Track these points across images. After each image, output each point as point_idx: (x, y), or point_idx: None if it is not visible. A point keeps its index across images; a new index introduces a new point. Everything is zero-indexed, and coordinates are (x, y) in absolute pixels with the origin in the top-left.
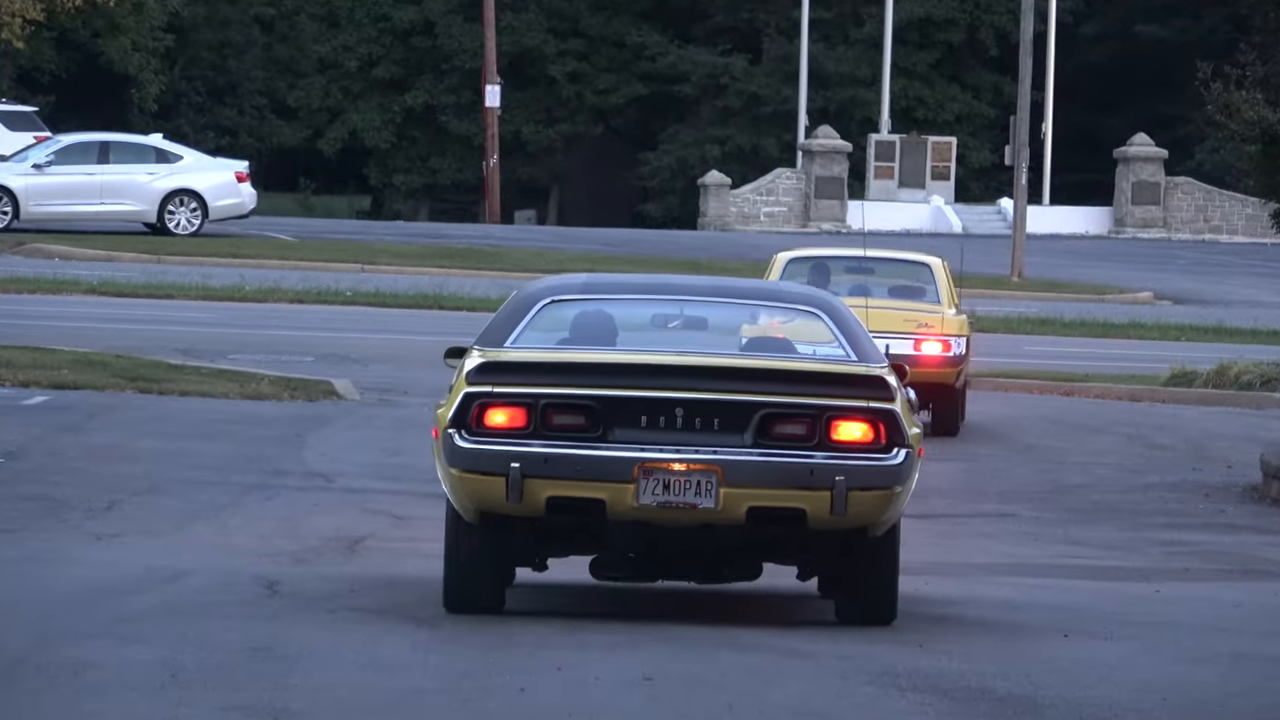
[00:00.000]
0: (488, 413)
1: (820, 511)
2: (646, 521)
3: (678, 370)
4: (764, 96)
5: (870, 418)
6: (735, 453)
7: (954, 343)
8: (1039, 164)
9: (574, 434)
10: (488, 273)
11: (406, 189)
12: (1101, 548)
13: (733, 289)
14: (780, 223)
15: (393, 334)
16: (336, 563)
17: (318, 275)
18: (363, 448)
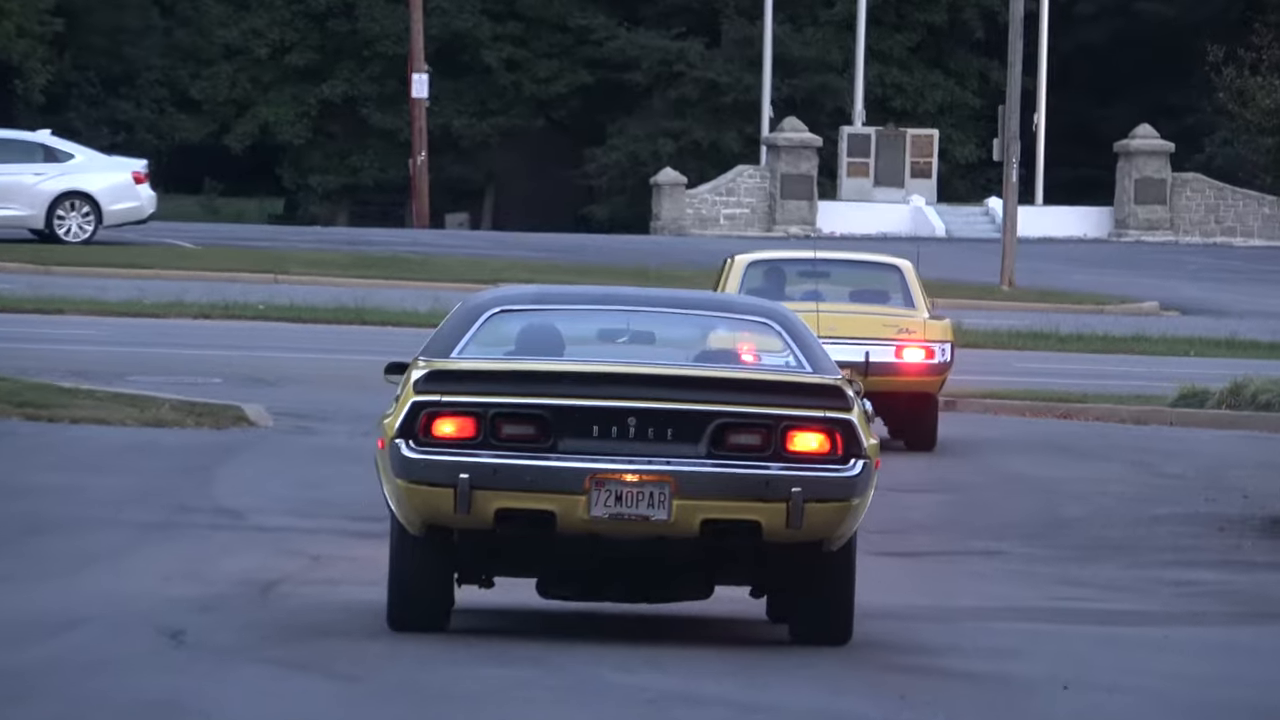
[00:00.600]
0: (436, 422)
1: (776, 524)
2: (598, 534)
3: (630, 379)
4: (723, 85)
5: (826, 428)
6: (689, 464)
7: (938, 349)
8: (1031, 159)
9: (524, 444)
10: (415, 283)
11: (324, 190)
12: (1104, 589)
13: (685, 300)
14: (742, 226)
15: (310, 352)
16: (248, 609)
17: (225, 287)
18: (277, 480)
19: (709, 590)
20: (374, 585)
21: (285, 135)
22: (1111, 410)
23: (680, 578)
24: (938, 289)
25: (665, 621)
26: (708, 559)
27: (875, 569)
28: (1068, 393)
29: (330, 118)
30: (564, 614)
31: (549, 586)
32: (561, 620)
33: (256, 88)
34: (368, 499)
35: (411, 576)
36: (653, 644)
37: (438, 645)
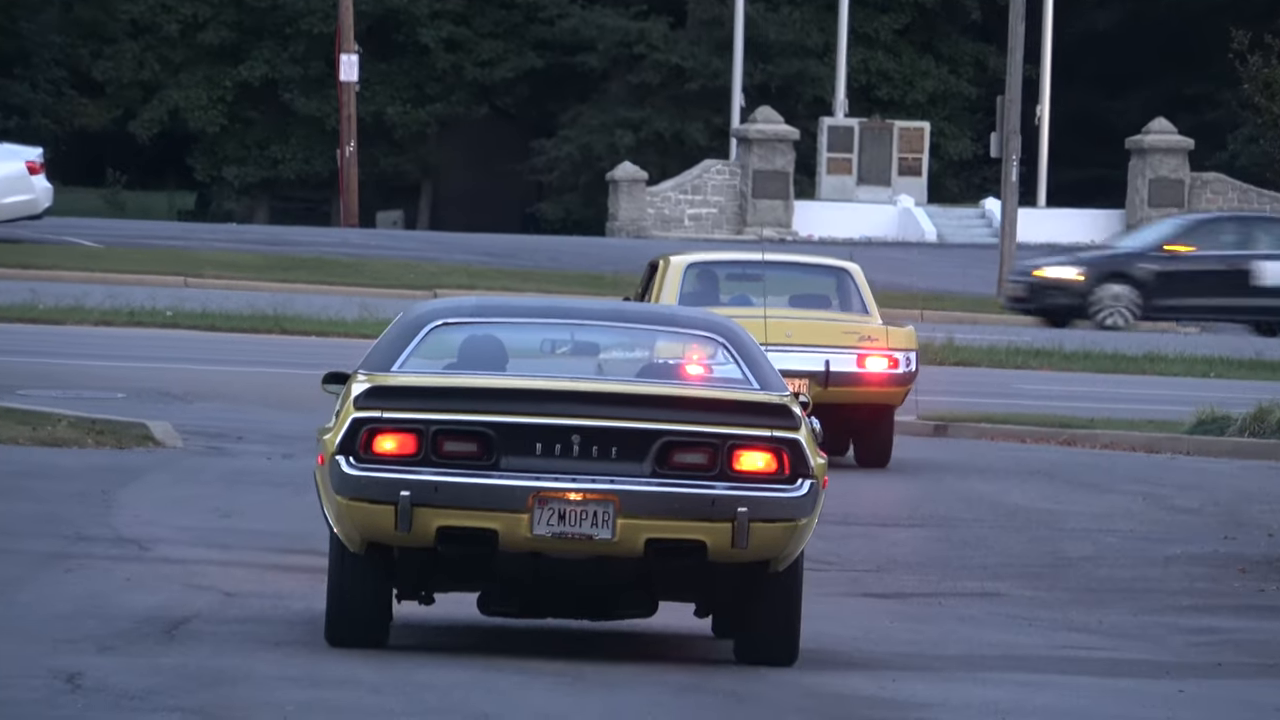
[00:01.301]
0: (376, 439)
1: (721, 544)
2: (540, 553)
3: (575, 396)
4: (689, 70)
5: (773, 447)
6: (633, 482)
7: (902, 358)
8: (1033, 156)
9: (466, 461)
10: (342, 288)
11: (241, 184)
12: (1111, 636)
13: (631, 313)
14: (709, 228)
15: (224, 364)
16: (153, 650)
17: (130, 291)
18: (186, 508)
19: (653, 608)
20: (294, 624)
21: (198, 122)
22: (1121, 437)
23: (624, 596)
24: (927, 300)
25: (615, 641)
26: (652, 578)
27: (857, 611)
28: (1072, 417)
29: (248, 103)
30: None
31: (490, 603)
32: (499, 640)
33: (166, 69)
34: (287, 529)
35: (350, 593)
36: (584, 655)
37: (366, 693)
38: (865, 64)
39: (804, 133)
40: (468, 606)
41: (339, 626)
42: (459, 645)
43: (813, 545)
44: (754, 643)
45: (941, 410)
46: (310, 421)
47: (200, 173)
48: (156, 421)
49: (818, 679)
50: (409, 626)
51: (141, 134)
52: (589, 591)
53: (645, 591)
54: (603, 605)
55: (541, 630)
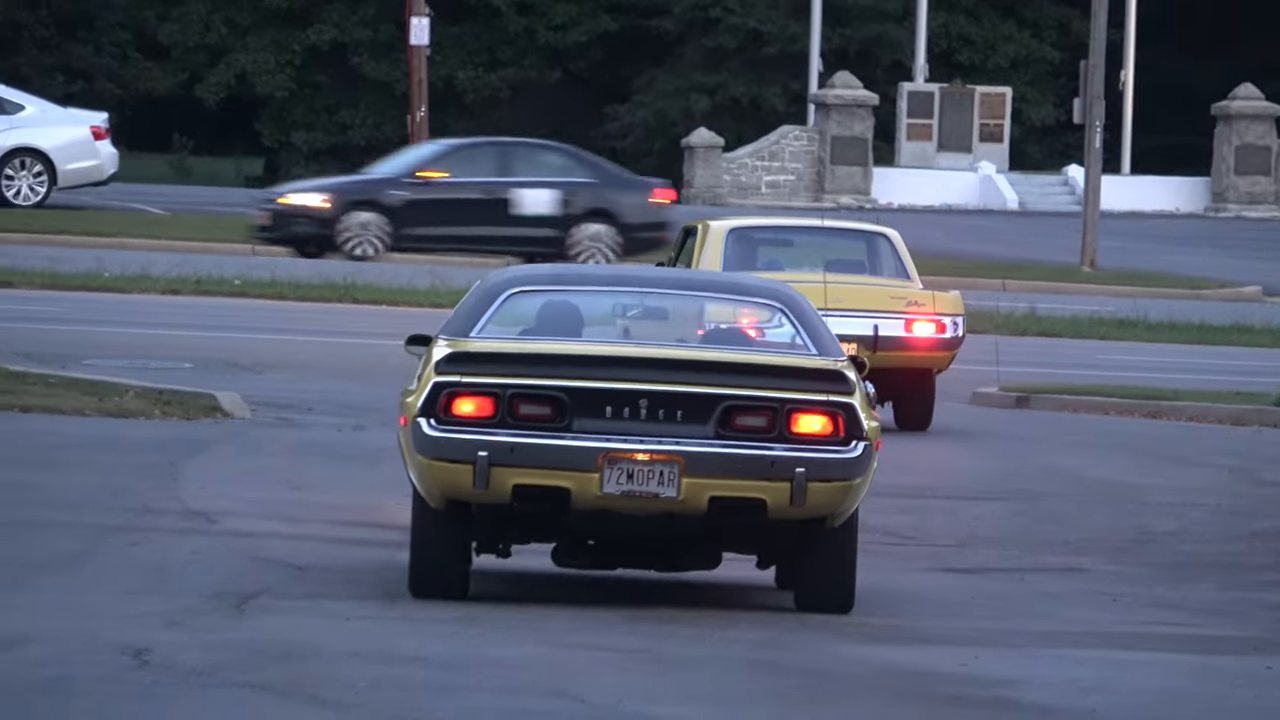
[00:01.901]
0: (456, 402)
1: (780, 502)
2: (610, 510)
3: (642, 362)
4: (766, 34)
5: (829, 411)
6: (697, 444)
7: (948, 323)
8: (1117, 123)
9: (540, 424)
10: (414, 257)
11: (309, 149)
12: (1197, 612)
13: (698, 281)
14: (786, 195)
15: (293, 334)
16: (222, 626)
17: (197, 259)
18: (254, 480)
19: (717, 561)
20: (365, 599)
21: (265, 86)
22: (1207, 409)
23: (689, 550)
24: (1009, 269)
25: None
26: (715, 533)
27: (937, 587)
28: (1157, 389)
29: (317, 67)
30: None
31: (564, 556)
32: (572, 619)
33: (233, 32)
34: (357, 501)
35: (432, 547)
36: (681, 675)
37: (437, 670)
38: (946, 28)
39: (883, 98)
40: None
41: (421, 579)
42: (533, 622)
43: (893, 519)
44: (812, 593)
45: (1023, 382)
46: (381, 392)
47: (268, 138)
48: (224, 392)
49: (897, 656)
50: (487, 575)
51: (208, 99)
52: (656, 545)
53: (709, 546)
54: (669, 558)
55: (618, 603)
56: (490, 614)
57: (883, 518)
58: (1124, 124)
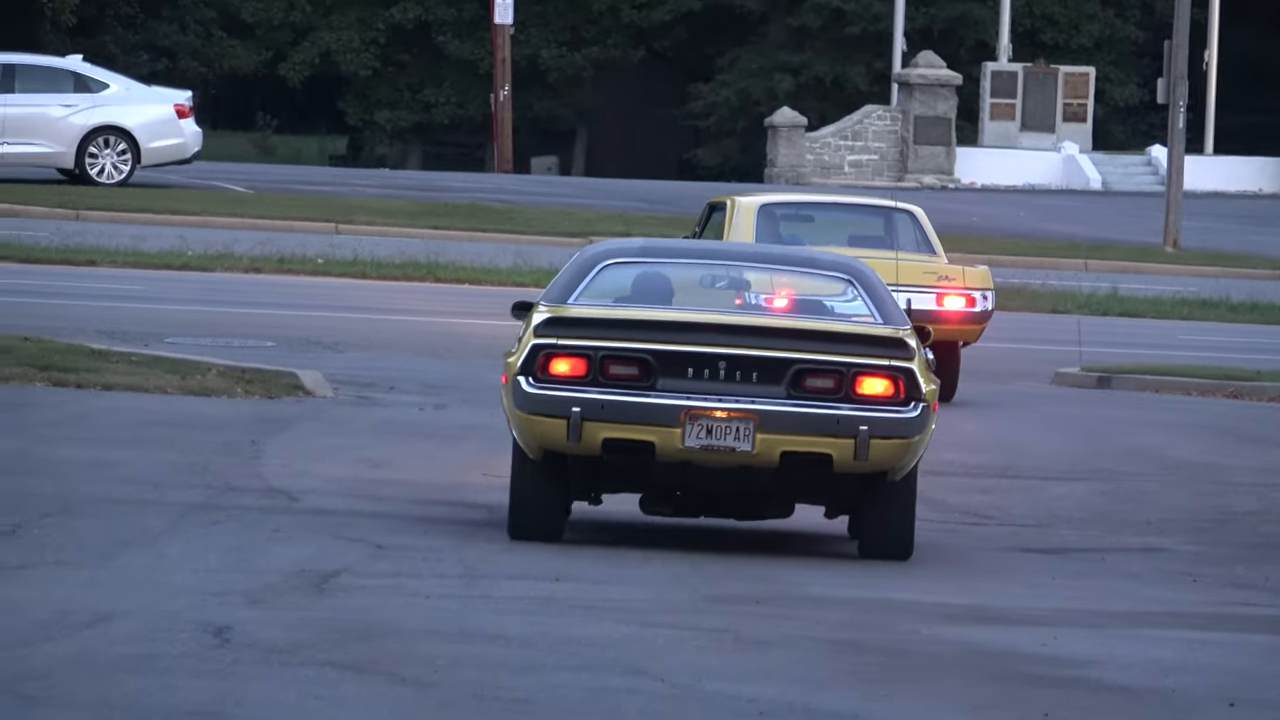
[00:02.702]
0: (552, 362)
1: (845, 457)
2: (691, 462)
3: (721, 328)
4: (850, 13)
5: (891, 375)
6: (771, 403)
7: (979, 297)
8: (1200, 102)
9: (628, 383)
10: (496, 235)
11: (393, 128)
12: (1277, 592)
13: (775, 255)
14: (869, 174)
15: (375, 313)
16: (303, 604)
17: (280, 237)
18: (336, 458)
19: (790, 510)
20: (446, 578)
21: (349, 65)
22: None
23: (764, 500)
24: (1091, 249)
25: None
26: (786, 485)
27: (1018, 567)
28: (1240, 369)
29: (401, 45)
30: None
31: (649, 504)
32: (655, 599)
33: (317, 10)
34: (439, 480)
35: (529, 494)
36: (763, 652)
37: (516, 649)
38: (1029, 7)
39: (966, 78)
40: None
41: (520, 523)
42: (613, 602)
43: (973, 499)
44: (874, 541)
45: (1105, 362)
46: (462, 371)
47: (352, 117)
48: (306, 370)
49: (978, 636)
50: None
51: (292, 77)
52: (733, 496)
53: (783, 496)
54: (746, 508)
55: (699, 583)
56: (571, 594)
57: (963, 497)
58: (1207, 103)
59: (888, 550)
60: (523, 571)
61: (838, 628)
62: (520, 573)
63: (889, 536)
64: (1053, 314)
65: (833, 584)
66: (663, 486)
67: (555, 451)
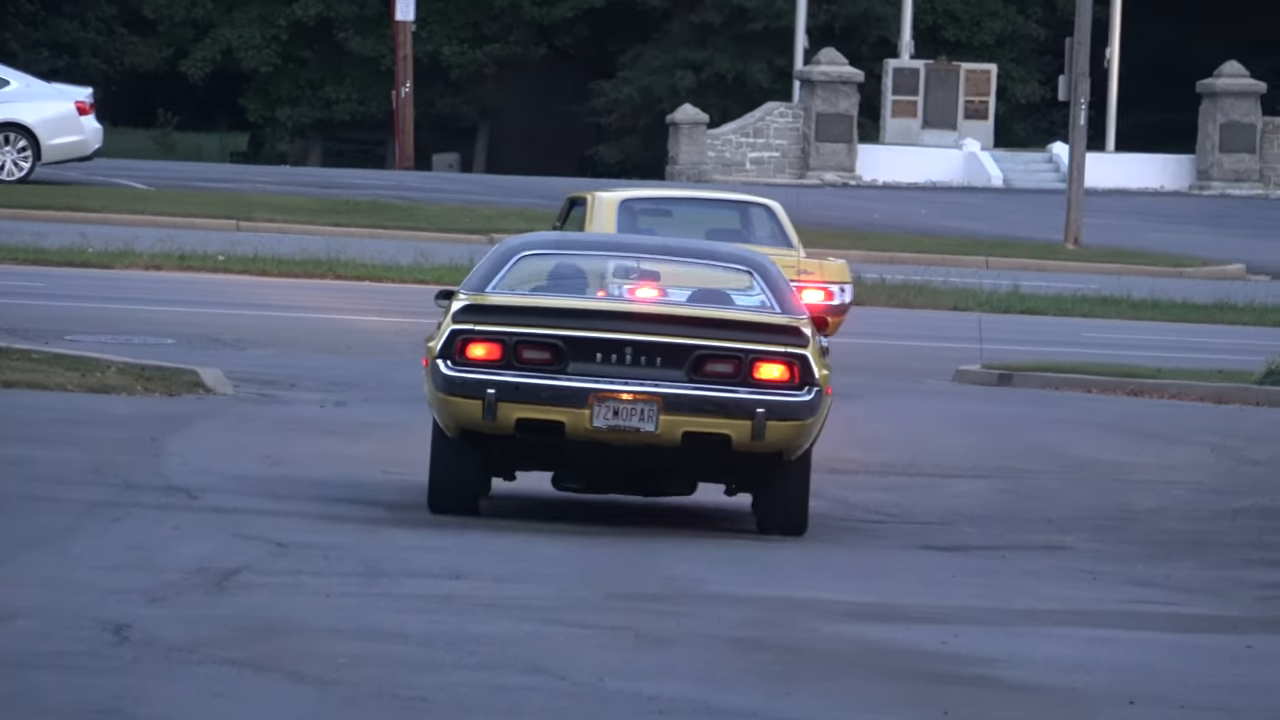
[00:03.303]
0: (469, 346)
1: (743, 437)
2: (598, 441)
3: (628, 316)
4: (752, 10)
5: (787, 361)
6: (673, 386)
7: (836, 290)
8: (1102, 100)
9: (540, 366)
10: (397, 232)
11: (294, 125)
12: (1179, 590)
13: (681, 248)
14: (771, 171)
15: (276, 310)
16: (203, 602)
17: (181, 234)
18: (237, 456)
19: (693, 488)
20: (347, 576)
21: (251, 62)
22: (1189, 387)
23: (668, 477)
24: (993, 246)
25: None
26: (689, 463)
27: (919, 564)
28: (1140, 367)
29: (302, 42)
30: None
31: (561, 481)
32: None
33: (219, 6)
34: (340, 478)
35: (448, 470)
36: (662, 653)
37: (417, 647)
38: (931, 4)
39: (868, 75)
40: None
41: (439, 497)
42: (514, 599)
43: (874, 497)
44: (771, 517)
45: (1006, 360)
46: (364, 368)
47: (253, 114)
48: (207, 368)
49: (879, 634)
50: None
51: (193, 74)
52: (640, 473)
53: (685, 474)
54: (652, 485)
55: (600, 580)
56: (472, 591)
57: (865, 495)
58: (1109, 101)
59: (784, 526)
60: (424, 569)
61: (739, 626)
62: (421, 570)
63: (785, 513)
64: (954, 311)
65: (734, 581)
66: (573, 464)
67: (472, 430)
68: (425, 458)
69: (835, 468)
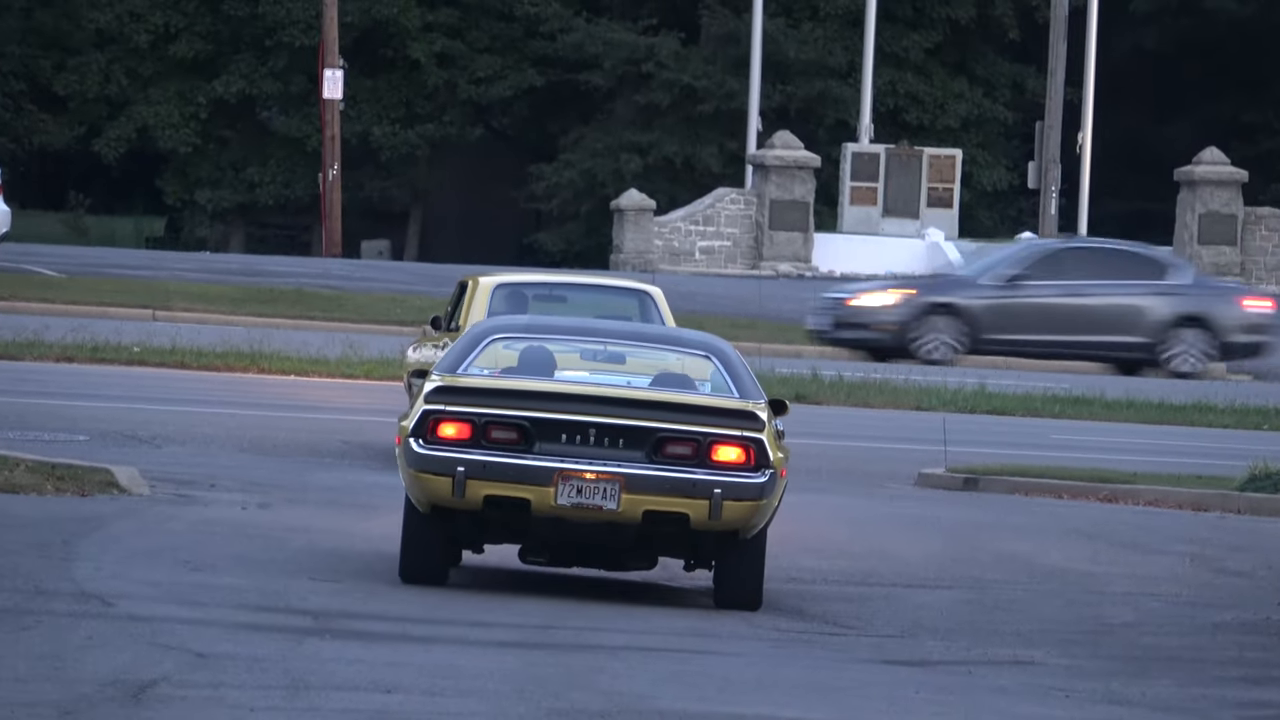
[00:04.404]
0: (440, 426)
1: (701, 516)
2: (563, 518)
3: (591, 399)
4: (702, 90)
5: (743, 444)
6: (635, 466)
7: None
8: (1074, 187)
9: (508, 446)
10: (324, 324)
11: (215, 209)
12: (1156, 709)
13: (643, 334)
14: (722, 261)
15: (195, 405)
16: (118, 716)
17: (94, 324)
18: (153, 560)
19: (654, 563)
20: (270, 689)
21: (168, 141)
22: (1167, 493)
23: (630, 553)
24: None
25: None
26: (649, 540)
27: (879, 680)
28: (1114, 471)
29: (223, 121)
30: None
31: (527, 554)
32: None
33: (134, 83)
34: (263, 585)
35: (418, 542)
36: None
37: None
38: (893, 85)
39: (826, 159)
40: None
41: (410, 568)
42: (450, 717)
43: (833, 608)
44: (728, 592)
45: (972, 462)
46: (289, 468)
47: (170, 196)
48: (122, 466)
49: None
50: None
51: (107, 153)
52: (602, 548)
53: (646, 550)
54: (614, 559)
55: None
56: (403, 706)
57: (822, 605)
58: (1081, 189)
59: (739, 601)
60: (352, 682)
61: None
62: (349, 683)
63: (740, 589)
64: (917, 411)
65: (683, 696)
66: (538, 539)
67: (441, 505)
68: (352, 564)
69: (791, 576)
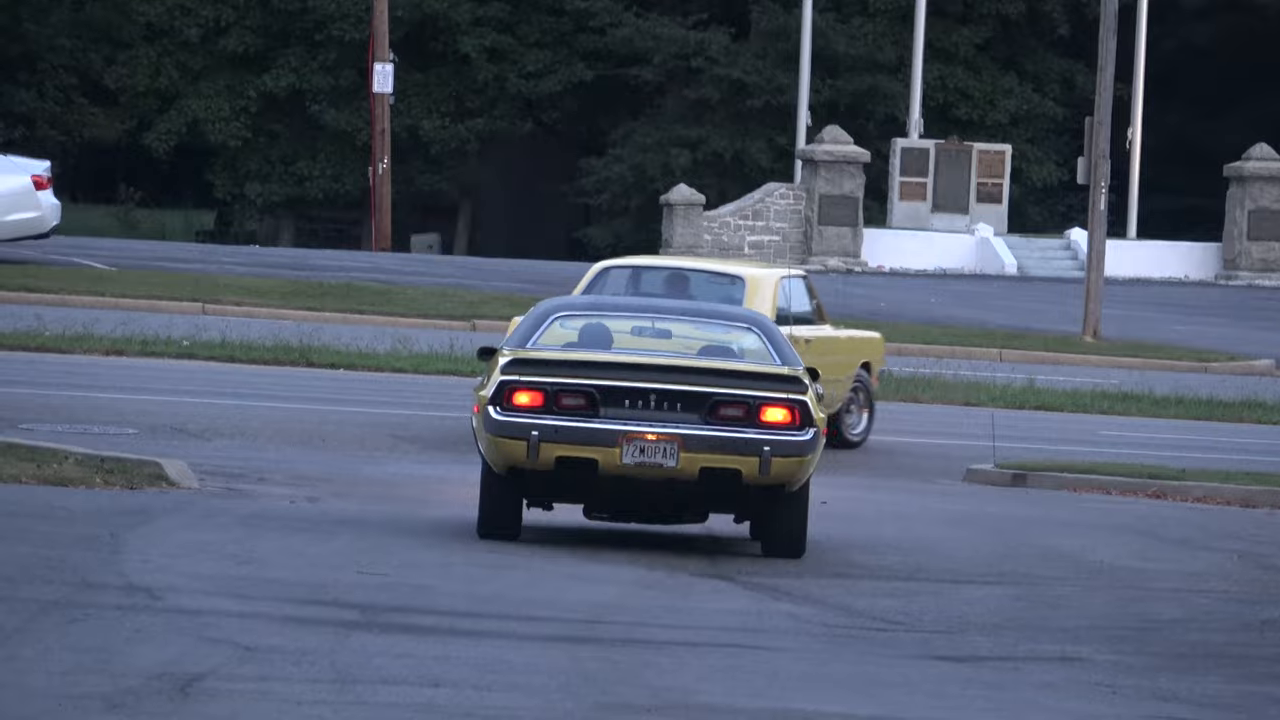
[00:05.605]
0: (515, 394)
1: (752, 471)
2: (627, 476)
3: (652, 368)
4: (751, 85)
5: (789, 405)
6: (692, 428)
7: None
8: (1124, 183)
9: (577, 412)
10: (373, 317)
11: (264, 202)
12: (1203, 705)
13: (696, 309)
14: (771, 256)
15: (244, 399)
16: (165, 709)
17: (143, 318)
18: (202, 554)
19: (705, 517)
20: (317, 683)
21: (218, 135)
22: (1215, 490)
23: (685, 507)
24: (1006, 338)
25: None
26: (704, 495)
27: (926, 675)
28: (1162, 468)
29: (273, 115)
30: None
31: (592, 511)
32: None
33: (184, 76)
34: (310, 578)
35: (495, 502)
36: None
37: None
38: (943, 80)
39: (875, 154)
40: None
41: (487, 525)
42: (497, 712)
43: (880, 603)
44: (773, 542)
45: (1020, 458)
46: (336, 461)
47: (220, 190)
48: (170, 460)
49: None
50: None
51: (157, 147)
52: (661, 504)
53: (700, 505)
54: (670, 514)
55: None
56: (451, 700)
57: (870, 601)
58: (1130, 185)
59: (785, 549)
60: (399, 676)
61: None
62: (397, 677)
63: (786, 539)
64: (965, 406)
65: (731, 691)
66: (603, 496)
67: (516, 467)
68: (399, 557)
69: (839, 572)
